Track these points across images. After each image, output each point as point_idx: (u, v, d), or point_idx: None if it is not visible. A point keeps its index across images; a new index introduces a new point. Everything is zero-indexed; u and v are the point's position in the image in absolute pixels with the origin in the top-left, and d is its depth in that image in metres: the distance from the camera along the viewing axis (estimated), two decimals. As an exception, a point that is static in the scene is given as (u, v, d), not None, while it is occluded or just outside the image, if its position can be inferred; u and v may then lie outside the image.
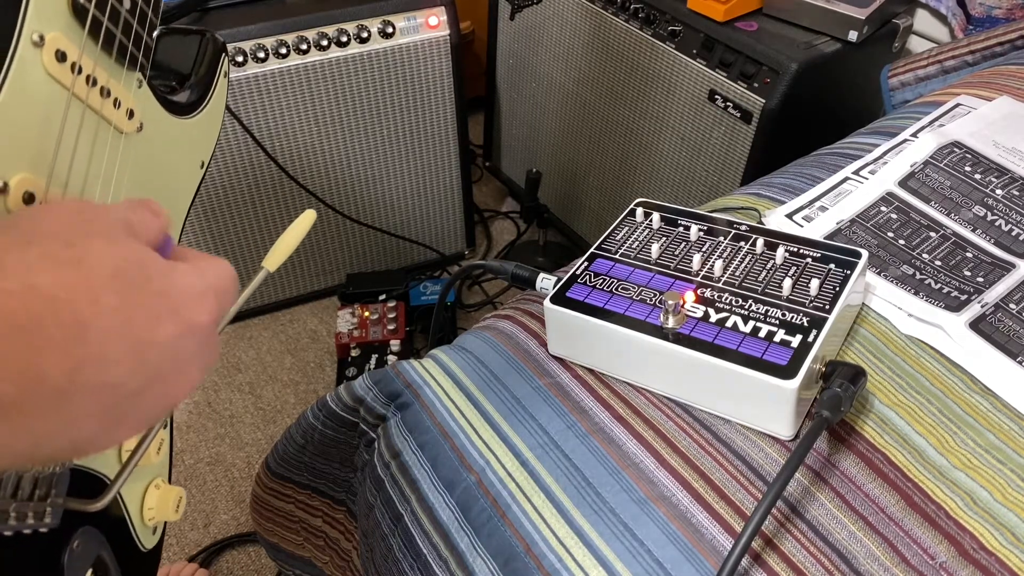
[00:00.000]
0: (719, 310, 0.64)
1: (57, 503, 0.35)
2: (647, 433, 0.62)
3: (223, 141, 1.39)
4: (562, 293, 0.67)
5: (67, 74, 0.35)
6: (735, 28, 1.24)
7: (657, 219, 0.74)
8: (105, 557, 0.42)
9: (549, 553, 0.56)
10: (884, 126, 0.96)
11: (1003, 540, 0.54)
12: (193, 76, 0.52)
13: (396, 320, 1.46)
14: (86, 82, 0.36)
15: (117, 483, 0.37)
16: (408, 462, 0.65)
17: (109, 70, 0.38)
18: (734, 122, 1.25)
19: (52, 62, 0.34)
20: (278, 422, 1.45)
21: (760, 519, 0.52)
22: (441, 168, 1.61)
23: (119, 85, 0.39)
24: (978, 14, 1.25)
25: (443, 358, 0.72)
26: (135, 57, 0.40)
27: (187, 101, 0.50)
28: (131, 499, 0.45)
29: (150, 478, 0.47)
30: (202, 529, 1.29)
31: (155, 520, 0.47)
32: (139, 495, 0.46)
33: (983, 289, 0.71)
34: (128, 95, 0.41)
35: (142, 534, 0.46)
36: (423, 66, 1.47)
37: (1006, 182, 0.82)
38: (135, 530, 0.45)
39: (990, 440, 0.60)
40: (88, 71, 0.36)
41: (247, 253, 1.54)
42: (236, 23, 1.34)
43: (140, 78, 0.42)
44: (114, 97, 0.39)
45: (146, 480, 0.46)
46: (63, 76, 0.35)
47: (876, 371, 0.66)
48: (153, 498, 0.46)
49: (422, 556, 0.61)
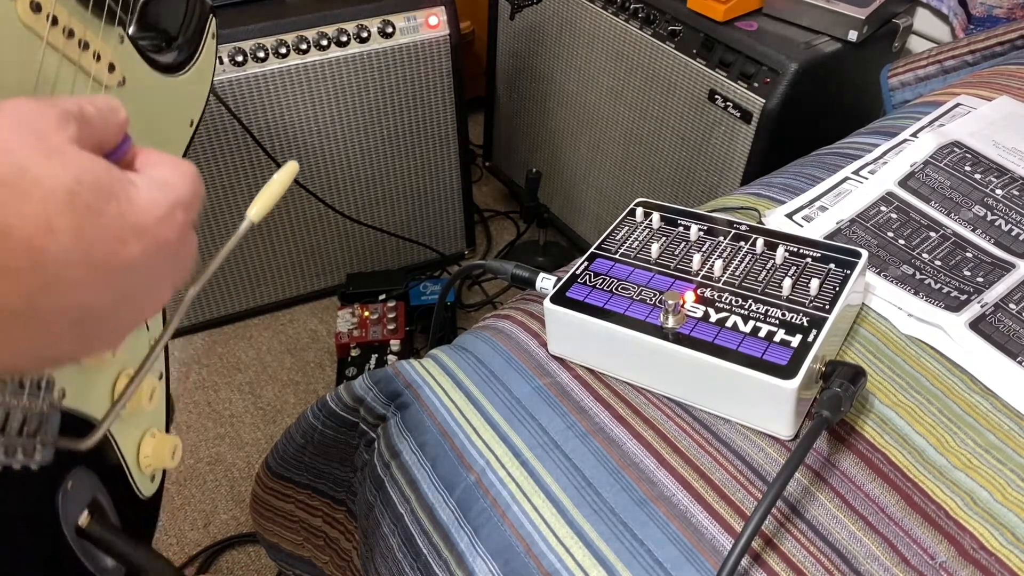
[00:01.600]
0: (719, 310, 0.64)
1: (47, 440, 0.36)
2: (647, 433, 0.62)
3: (223, 141, 1.39)
4: (562, 293, 0.67)
5: (42, 24, 0.35)
6: (735, 28, 1.24)
7: (657, 219, 0.74)
8: (101, 500, 0.42)
9: (549, 553, 0.56)
10: (884, 126, 0.96)
11: (1003, 540, 0.54)
12: (181, 36, 0.51)
13: (396, 320, 1.46)
14: (63, 33, 0.36)
15: (105, 422, 0.38)
16: (408, 462, 0.65)
17: (87, 23, 0.38)
18: (734, 122, 1.25)
19: (27, 12, 0.34)
20: (278, 422, 1.45)
21: (760, 519, 0.52)
22: (441, 168, 1.61)
23: (98, 39, 0.39)
24: (979, 13, 1.25)
25: (443, 358, 0.72)
26: (113, 11, 0.40)
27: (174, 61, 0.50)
28: (127, 446, 0.45)
29: (145, 427, 0.47)
30: (202, 529, 1.29)
31: (151, 467, 0.47)
32: (135, 442, 0.46)
33: (983, 289, 0.71)
34: (108, 49, 0.40)
35: (139, 481, 0.47)
36: (423, 66, 1.47)
37: (1006, 182, 0.82)
38: (132, 476, 0.46)
39: (990, 440, 0.60)
40: (64, 23, 0.37)
41: (247, 253, 1.54)
42: (236, 23, 1.34)
43: (122, 33, 0.42)
44: (93, 50, 0.39)
45: (141, 428, 0.47)
46: (38, 26, 0.35)
47: (876, 371, 0.66)
48: (149, 446, 0.47)
49: (422, 556, 0.61)
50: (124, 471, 0.45)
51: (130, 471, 0.46)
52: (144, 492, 0.47)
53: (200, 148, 1.39)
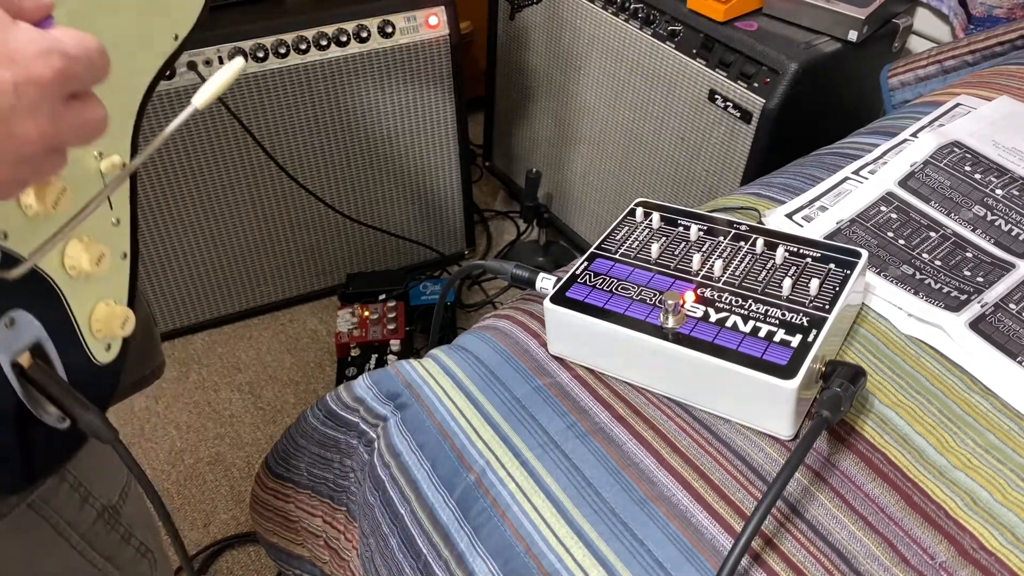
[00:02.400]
0: (719, 310, 0.64)
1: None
2: (647, 433, 0.62)
3: (223, 141, 1.39)
4: (562, 293, 0.67)
5: None
6: (735, 28, 1.24)
7: (657, 219, 0.74)
8: (45, 346, 0.44)
9: (549, 553, 0.56)
10: (884, 126, 0.96)
11: (1003, 540, 0.54)
12: None
13: (396, 320, 1.46)
14: None
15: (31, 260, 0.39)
16: (408, 462, 0.65)
17: None
18: (734, 122, 1.25)
19: None
20: (278, 422, 1.45)
21: (760, 519, 0.52)
22: (441, 168, 1.61)
23: None
24: (979, 13, 1.25)
25: (443, 358, 0.72)
26: None
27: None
28: (79, 308, 0.47)
29: (101, 295, 0.49)
30: (202, 529, 1.29)
31: (103, 333, 0.48)
32: (88, 307, 0.48)
33: (983, 289, 0.71)
34: None
35: (92, 346, 0.48)
36: (423, 66, 1.47)
37: (1006, 182, 0.82)
38: (84, 339, 0.48)
39: (990, 440, 0.60)
40: None
41: (247, 253, 1.54)
42: (236, 23, 1.34)
43: None
44: None
45: (96, 295, 0.48)
46: None
47: (876, 371, 0.66)
48: (101, 312, 0.48)
49: (422, 556, 0.61)
50: (75, 330, 0.47)
51: (83, 335, 0.47)
52: (98, 359, 0.49)
53: (200, 148, 1.39)
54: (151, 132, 1.33)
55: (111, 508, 0.58)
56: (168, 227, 1.44)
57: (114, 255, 0.49)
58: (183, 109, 0.40)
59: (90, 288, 0.48)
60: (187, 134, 1.36)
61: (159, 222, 1.43)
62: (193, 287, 1.54)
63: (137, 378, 0.88)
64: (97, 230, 0.48)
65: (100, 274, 0.47)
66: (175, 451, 1.40)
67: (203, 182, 1.42)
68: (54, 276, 0.44)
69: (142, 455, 1.39)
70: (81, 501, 0.55)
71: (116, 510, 0.59)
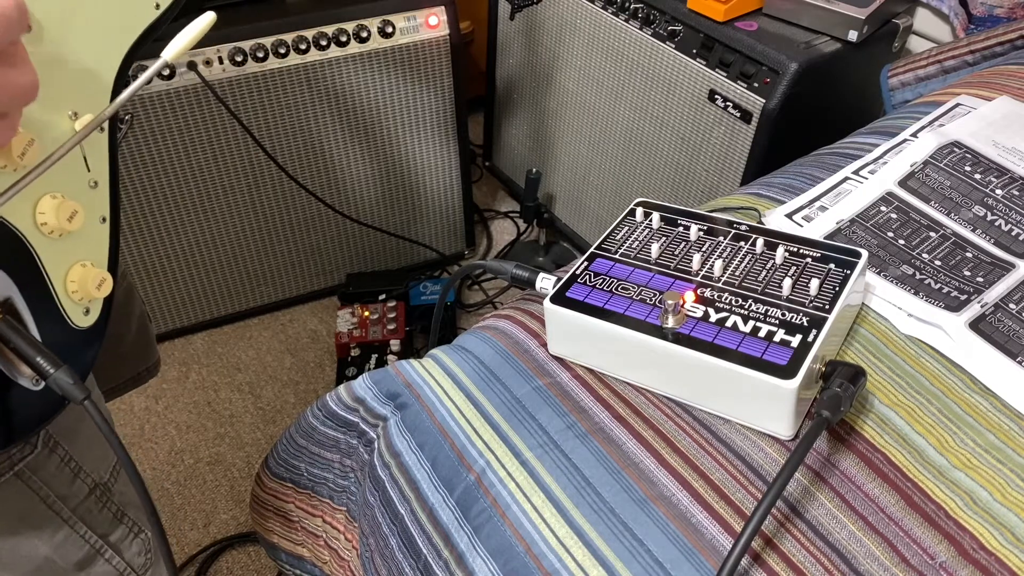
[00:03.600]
0: (719, 310, 0.64)
1: None
2: (647, 433, 0.62)
3: (223, 141, 1.40)
4: (562, 293, 0.67)
5: None
6: (735, 28, 1.24)
7: (657, 219, 0.74)
8: (16, 302, 0.44)
9: (549, 553, 0.56)
10: (884, 126, 0.96)
11: (1003, 540, 0.54)
12: None
13: (396, 320, 1.46)
14: None
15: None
16: (408, 462, 0.65)
17: None
18: (734, 122, 1.25)
19: None
20: (278, 422, 1.45)
21: (760, 519, 0.52)
22: (441, 168, 1.61)
23: None
24: (980, 13, 1.25)
25: (443, 358, 0.72)
26: None
27: None
28: (53, 268, 0.46)
29: (78, 256, 0.48)
30: (202, 529, 1.29)
31: (79, 295, 0.48)
32: (63, 268, 0.47)
33: (983, 289, 0.71)
34: None
35: (69, 308, 0.48)
36: (423, 66, 1.47)
37: (1006, 182, 0.82)
38: (60, 300, 0.47)
39: (990, 440, 0.60)
40: None
41: (247, 253, 1.54)
42: (236, 23, 1.34)
43: None
44: None
45: (72, 255, 0.48)
46: None
47: (876, 371, 0.66)
48: (76, 273, 0.48)
49: (422, 556, 0.61)
50: (49, 290, 0.46)
51: (57, 294, 0.47)
52: (76, 323, 0.49)
53: (200, 148, 1.39)
54: (144, 140, 1.33)
55: (102, 485, 0.58)
56: (168, 227, 1.44)
57: (92, 217, 0.49)
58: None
59: (65, 248, 0.47)
60: (187, 134, 1.36)
61: (159, 222, 1.43)
62: (193, 287, 1.54)
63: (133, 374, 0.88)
64: (72, 188, 0.48)
65: (74, 232, 0.46)
66: (175, 451, 1.40)
67: (203, 182, 1.42)
68: (25, 232, 0.44)
69: (142, 455, 1.39)
70: (72, 476, 0.55)
71: (107, 487, 0.59)
